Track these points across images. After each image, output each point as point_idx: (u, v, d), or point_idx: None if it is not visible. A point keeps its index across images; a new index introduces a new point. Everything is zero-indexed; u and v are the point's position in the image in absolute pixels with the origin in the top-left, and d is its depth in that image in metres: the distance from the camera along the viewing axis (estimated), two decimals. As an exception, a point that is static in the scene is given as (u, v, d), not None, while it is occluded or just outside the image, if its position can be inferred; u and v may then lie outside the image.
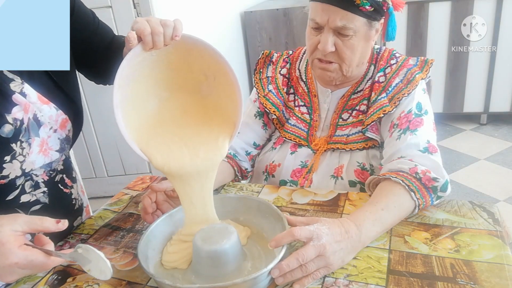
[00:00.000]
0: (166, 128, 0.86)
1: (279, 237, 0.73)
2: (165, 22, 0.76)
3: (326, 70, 1.06)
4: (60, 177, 0.96)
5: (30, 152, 0.83)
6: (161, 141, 0.84)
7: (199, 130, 0.86)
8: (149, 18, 0.76)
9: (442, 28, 2.95)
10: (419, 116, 1.02)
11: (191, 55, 0.83)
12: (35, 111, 0.83)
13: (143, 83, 0.83)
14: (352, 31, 0.99)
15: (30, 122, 0.83)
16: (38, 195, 0.90)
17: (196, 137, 0.85)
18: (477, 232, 0.84)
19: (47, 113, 0.86)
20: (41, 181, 0.90)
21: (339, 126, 1.13)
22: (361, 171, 1.08)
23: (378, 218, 0.83)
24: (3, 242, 0.62)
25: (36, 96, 0.84)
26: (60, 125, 0.89)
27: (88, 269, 0.66)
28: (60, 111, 0.88)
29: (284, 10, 3.13)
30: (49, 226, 0.67)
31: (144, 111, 0.85)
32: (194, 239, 0.77)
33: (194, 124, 0.87)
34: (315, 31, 1.04)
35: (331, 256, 0.74)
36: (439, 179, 0.89)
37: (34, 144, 0.84)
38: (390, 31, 1.04)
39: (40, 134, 0.85)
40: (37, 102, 0.84)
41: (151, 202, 0.90)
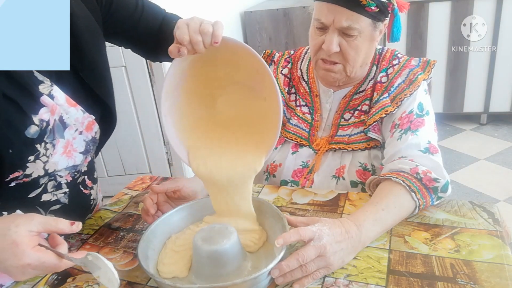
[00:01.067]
0: (209, 135, 0.87)
1: (287, 236, 0.73)
2: (203, 29, 0.74)
3: (330, 71, 1.06)
4: (82, 179, 0.97)
5: (53, 153, 0.84)
6: (203, 149, 0.85)
7: (238, 141, 0.86)
8: (189, 22, 0.75)
9: (442, 28, 2.95)
10: (420, 116, 1.02)
11: (236, 57, 0.80)
12: (61, 113, 0.84)
13: (190, 88, 0.84)
14: (357, 31, 0.99)
15: (56, 124, 0.83)
16: (59, 195, 0.91)
17: (235, 148, 0.85)
18: (477, 232, 0.84)
19: (74, 115, 0.86)
20: (64, 182, 0.91)
21: (340, 126, 1.13)
22: (363, 171, 1.08)
23: (378, 219, 0.83)
24: (17, 242, 0.62)
25: (64, 98, 0.84)
26: (86, 127, 0.90)
27: (97, 276, 0.67)
28: (87, 113, 0.89)
29: (284, 10, 3.13)
30: (64, 228, 0.67)
31: (190, 116, 0.86)
32: (194, 239, 0.77)
33: (235, 133, 0.87)
34: (319, 31, 1.03)
35: (332, 257, 0.74)
36: (439, 179, 0.89)
37: (58, 145, 0.85)
38: (395, 32, 1.04)
39: (65, 135, 0.86)
40: (64, 104, 0.84)
41: (152, 203, 0.90)
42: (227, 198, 0.85)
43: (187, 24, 0.75)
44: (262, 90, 0.81)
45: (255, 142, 0.85)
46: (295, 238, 0.73)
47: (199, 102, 0.86)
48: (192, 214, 0.91)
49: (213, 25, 0.74)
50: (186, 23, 0.75)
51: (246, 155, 0.84)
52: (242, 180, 0.84)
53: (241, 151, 0.85)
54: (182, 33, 0.74)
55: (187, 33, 0.73)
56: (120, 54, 2.35)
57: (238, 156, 0.84)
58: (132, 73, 2.40)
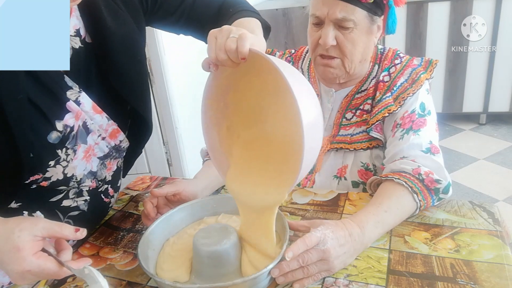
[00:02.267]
0: (248, 153, 0.81)
1: (295, 248, 0.71)
2: (227, 47, 0.66)
3: (328, 67, 1.06)
4: (105, 188, 0.96)
5: (74, 158, 0.83)
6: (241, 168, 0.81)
7: (267, 167, 0.79)
8: (217, 35, 0.68)
9: (442, 28, 2.95)
10: (422, 116, 1.02)
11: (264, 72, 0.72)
12: (85, 119, 0.83)
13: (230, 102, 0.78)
14: (353, 23, 0.98)
15: (80, 130, 0.83)
16: (79, 202, 0.90)
17: (262, 174, 0.79)
18: (477, 232, 0.84)
19: (98, 122, 0.85)
20: (85, 189, 0.91)
21: (342, 126, 1.13)
22: (365, 171, 1.08)
23: (381, 220, 0.83)
24: (20, 248, 0.62)
25: (91, 105, 0.83)
26: (110, 135, 0.89)
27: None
28: (111, 121, 0.87)
29: (284, 10, 3.13)
30: (68, 234, 0.67)
31: (231, 133, 0.81)
32: (194, 239, 0.77)
33: (265, 158, 0.80)
34: (316, 27, 1.04)
35: (335, 261, 0.74)
36: (441, 181, 0.89)
37: (79, 150, 0.84)
38: (390, 24, 1.03)
39: (88, 141, 0.85)
40: (90, 111, 0.83)
41: (152, 206, 0.90)
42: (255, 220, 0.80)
43: (215, 38, 0.68)
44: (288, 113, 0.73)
45: (281, 172, 0.76)
46: (303, 249, 0.72)
47: (243, 114, 0.80)
48: (192, 214, 0.91)
49: (238, 39, 0.66)
50: (214, 36, 0.68)
51: (271, 186, 0.77)
52: (267, 208, 0.78)
53: (267, 181, 0.78)
54: (209, 50, 0.69)
55: (213, 50, 0.68)
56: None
57: (264, 184, 0.78)
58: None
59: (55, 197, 0.86)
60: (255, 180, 0.79)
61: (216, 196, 0.94)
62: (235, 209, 0.92)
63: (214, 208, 0.93)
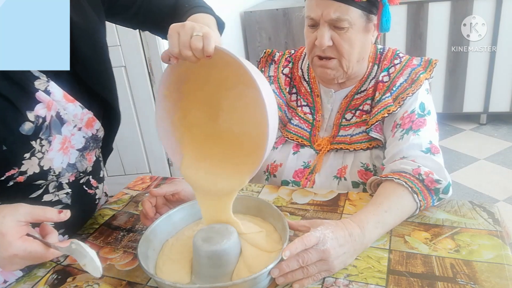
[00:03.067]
0: (202, 142, 0.84)
1: (292, 247, 0.71)
2: (193, 45, 0.67)
3: (326, 68, 1.06)
4: (86, 179, 0.96)
5: (49, 149, 0.83)
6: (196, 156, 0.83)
7: (227, 154, 0.83)
8: (180, 31, 0.69)
9: (442, 28, 2.95)
10: (422, 116, 1.02)
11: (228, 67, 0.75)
12: (58, 109, 0.83)
13: (189, 90, 0.81)
14: (348, 23, 0.98)
15: (53, 120, 0.82)
16: (60, 196, 0.90)
17: (222, 161, 0.82)
18: (477, 232, 0.84)
19: (72, 111, 0.85)
20: (65, 182, 0.90)
21: (342, 126, 1.13)
22: (365, 171, 1.08)
23: (381, 220, 0.83)
24: (3, 233, 0.63)
25: (61, 94, 0.83)
26: (86, 124, 0.89)
27: (83, 264, 0.67)
28: (85, 109, 0.88)
29: (284, 10, 3.13)
30: (52, 216, 0.68)
31: (185, 122, 0.83)
32: (194, 239, 0.77)
33: (225, 145, 0.84)
34: (311, 29, 1.04)
35: (335, 261, 0.74)
36: (441, 181, 0.89)
37: (55, 141, 0.83)
38: (384, 21, 1.02)
39: (62, 131, 0.85)
40: (61, 100, 0.83)
41: (151, 206, 0.90)
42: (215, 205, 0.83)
43: (178, 34, 0.69)
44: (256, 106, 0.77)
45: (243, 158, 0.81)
46: (301, 248, 0.72)
47: (198, 106, 0.83)
48: (192, 214, 0.91)
49: (203, 38, 0.68)
50: (177, 32, 0.69)
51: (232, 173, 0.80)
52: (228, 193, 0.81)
53: (228, 168, 0.81)
54: (171, 45, 0.69)
55: (176, 46, 0.69)
56: (120, 54, 2.35)
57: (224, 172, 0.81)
58: (132, 73, 2.40)
59: (35, 193, 0.86)
60: (213, 167, 0.82)
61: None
62: (235, 209, 0.92)
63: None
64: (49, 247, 0.66)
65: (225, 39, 3.23)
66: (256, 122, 0.75)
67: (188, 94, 0.81)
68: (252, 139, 0.79)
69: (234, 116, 0.83)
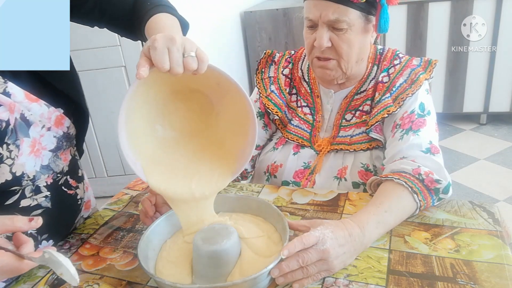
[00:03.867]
0: (173, 154, 0.83)
1: (291, 246, 0.71)
2: (187, 65, 0.67)
3: (325, 68, 1.06)
4: (64, 179, 0.93)
5: (19, 154, 0.80)
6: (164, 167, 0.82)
7: (203, 161, 0.84)
8: (170, 47, 0.66)
9: (442, 28, 2.95)
10: (422, 116, 1.02)
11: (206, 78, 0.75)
12: (22, 111, 0.79)
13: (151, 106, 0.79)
14: (346, 24, 0.98)
15: (18, 123, 0.79)
16: (39, 200, 0.87)
17: (199, 167, 0.83)
18: (477, 232, 0.84)
19: (38, 111, 0.82)
20: (42, 185, 0.87)
21: (342, 127, 1.13)
22: (365, 172, 1.08)
23: (381, 220, 0.83)
24: None
25: (23, 94, 0.79)
26: (55, 123, 0.86)
27: (60, 273, 0.63)
28: (52, 107, 0.84)
29: (284, 10, 3.13)
30: (21, 225, 0.64)
31: (151, 135, 0.82)
32: (194, 239, 0.77)
33: (201, 152, 0.84)
34: (310, 30, 1.04)
35: (334, 261, 0.74)
36: (441, 181, 0.89)
37: (23, 145, 0.80)
38: (382, 23, 1.02)
39: (30, 134, 0.81)
40: (24, 101, 0.79)
41: (151, 204, 0.90)
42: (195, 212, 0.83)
43: (168, 49, 0.66)
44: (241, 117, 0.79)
45: (220, 163, 0.83)
46: (300, 248, 0.72)
47: (158, 111, 0.81)
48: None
49: (198, 60, 0.67)
50: (165, 47, 0.66)
51: (210, 178, 0.82)
52: (206, 198, 0.82)
53: (205, 173, 0.83)
54: (160, 61, 0.65)
55: (167, 62, 0.66)
56: (120, 54, 2.35)
57: (200, 177, 0.82)
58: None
59: (10, 199, 0.83)
60: (191, 176, 0.82)
61: (216, 196, 0.94)
62: (235, 209, 0.92)
63: (214, 208, 0.93)
64: (23, 259, 0.62)
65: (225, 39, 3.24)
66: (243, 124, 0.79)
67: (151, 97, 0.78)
68: (237, 139, 0.82)
69: (217, 122, 0.84)
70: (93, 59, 2.37)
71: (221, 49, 3.07)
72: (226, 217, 0.85)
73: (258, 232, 0.83)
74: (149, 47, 0.66)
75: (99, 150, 2.66)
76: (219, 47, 3.03)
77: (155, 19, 0.84)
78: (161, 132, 0.83)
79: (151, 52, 0.66)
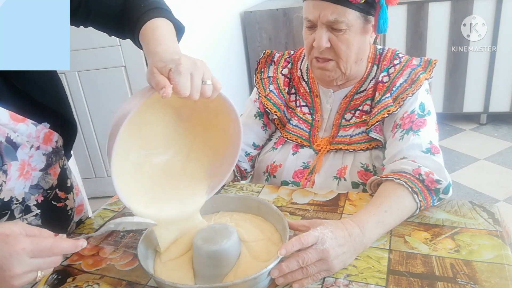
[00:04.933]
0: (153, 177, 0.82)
1: (289, 245, 0.72)
2: (203, 92, 0.68)
3: (324, 70, 1.06)
4: (53, 194, 0.90)
5: (7, 179, 0.76)
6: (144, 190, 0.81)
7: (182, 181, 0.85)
8: (193, 72, 0.67)
9: (442, 28, 2.95)
10: (422, 116, 1.02)
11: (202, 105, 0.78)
12: (7, 133, 0.75)
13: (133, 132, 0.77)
14: (345, 24, 0.98)
15: (3, 146, 0.75)
16: (29, 219, 0.85)
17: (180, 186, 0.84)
18: (477, 232, 0.84)
19: (25, 132, 0.78)
20: (32, 204, 0.84)
21: (342, 127, 1.13)
22: (365, 172, 1.08)
23: (381, 221, 0.83)
24: (7, 233, 0.59)
25: (7, 116, 0.75)
26: (44, 140, 0.82)
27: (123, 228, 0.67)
28: (40, 125, 0.81)
29: (284, 10, 3.13)
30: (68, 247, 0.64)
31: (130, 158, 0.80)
32: (194, 239, 0.77)
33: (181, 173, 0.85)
34: (309, 30, 1.04)
35: (334, 261, 0.74)
36: (442, 181, 0.89)
37: (11, 169, 0.76)
38: (381, 23, 1.02)
39: (18, 156, 0.77)
40: (9, 123, 0.75)
41: None
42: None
43: (191, 75, 0.66)
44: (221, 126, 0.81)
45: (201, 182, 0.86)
46: (298, 247, 0.72)
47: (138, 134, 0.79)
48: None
49: (213, 88, 0.69)
50: (190, 71, 0.66)
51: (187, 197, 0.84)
52: (186, 217, 0.83)
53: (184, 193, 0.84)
54: (185, 87, 0.66)
55: (188, 89, 0.66)
56: (120, 54, 2.35)
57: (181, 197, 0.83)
58: (132, 73, 2.40)
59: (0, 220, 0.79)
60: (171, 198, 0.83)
61: (216, 196, 0.94)
62: (235, 209, 0.92)
63: (214, 208, 0.93)
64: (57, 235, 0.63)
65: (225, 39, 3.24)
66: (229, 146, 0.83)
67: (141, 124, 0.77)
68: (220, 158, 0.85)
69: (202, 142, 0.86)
70: (93, 59, 2.37)
71: (221, 49, 3.07)
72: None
73: (258, 234, 0.83)
74: (171, 69, 0.66)
75: (99, 150, 2.66)
76: (219, 47, 3.03)
77: (151, 25, 0.81)
78: (142, 155, 0.81)
79: (175, 76, 0.65)
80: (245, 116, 1.23)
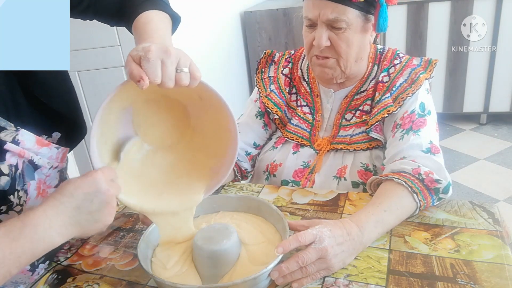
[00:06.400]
0: (146, 168, 0.82)
1: (286, 244, 0.72)
2: (179, 80, 0.66)
3: (324, 67, 1.06)
4: None
5: (27, 199, 0.77)
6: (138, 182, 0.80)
7: (178, 175, 0.84)
8: (164, 59, 0.64)
9: (442, 28, 2.95)
10: (422, 116, 1.02)
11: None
12: (31, 156, 0.77)
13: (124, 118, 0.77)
14: (345, 23, 0.99)
15: (25, 166, 0.77)
16: None
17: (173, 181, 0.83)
18: (477, 232, 0.84)
19: (47, 155, 0.80)
20: None
21: (342, 127, 1.13)
22: (365, 172, 1.08)
23: (380, 220, 0.83)
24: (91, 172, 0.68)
25: (34, 141, 0.77)
26: (61, 160, 0.85)
27: None
28: (61, 147, 0.82)
29: (284, 10, 3.13)
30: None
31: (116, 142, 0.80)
32: (194, 239, 0.77)
33: (175, 165, 0.84)
34: (309, 29, 1.04)
35: (333, 259, 0.74)
36: (441, 181, 0.89)
37: (30, 188, 0.78)
38: (381, 22, 1.02)
39: (35, 176, 0.79)
40: (33, 147, 0.77)
41: None
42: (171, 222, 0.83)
43: (162, 62, 0.64)
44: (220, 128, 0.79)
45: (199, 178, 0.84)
46: (295, 245, 0.72)
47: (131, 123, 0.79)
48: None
49: (191, 76, 0.67)
50: (160, 58, 0.64)
51: (185, 193, 0.82)
52: (185, 210, 0.82)
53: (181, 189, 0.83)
54: (153, 74, 0.64)
55: (159, 76, 0.64)
56: (120, 54, 2.35)
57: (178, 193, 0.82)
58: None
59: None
60: (168, 191, 0.82)
61: (216, 196, 0.94)
62: (235, 209, 0.92)
63: (213, 208, 0.93)
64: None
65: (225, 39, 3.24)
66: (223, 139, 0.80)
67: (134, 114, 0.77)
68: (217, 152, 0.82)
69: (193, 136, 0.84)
70: (93, 59, 2.37)
71: (221, 49, 3.07)
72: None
73: (259, 237, 0.83)
74: (141, 56, 0.64)
75: (99, 150, 2.65)
76: (219, 47, 3.02)
77: (144, 17, 0.80)
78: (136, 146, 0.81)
79: (144, 63, 0.64)
80: (246, 116, 1.23)
